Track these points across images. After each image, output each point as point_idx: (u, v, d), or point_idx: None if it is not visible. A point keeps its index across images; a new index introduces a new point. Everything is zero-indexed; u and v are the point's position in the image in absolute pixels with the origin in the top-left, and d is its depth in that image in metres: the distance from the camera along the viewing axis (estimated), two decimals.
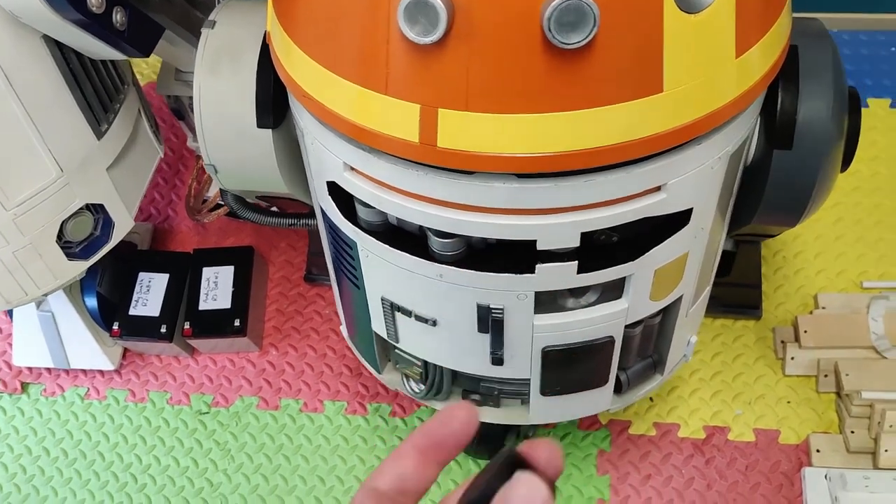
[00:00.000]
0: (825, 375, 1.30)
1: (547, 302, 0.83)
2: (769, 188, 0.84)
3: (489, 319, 0.83)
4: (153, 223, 1.57)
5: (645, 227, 0.78)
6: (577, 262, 0.77)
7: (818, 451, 1.25)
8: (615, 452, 1.30)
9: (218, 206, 1.41)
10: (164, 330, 1.36)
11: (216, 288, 1.38)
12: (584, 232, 0.74)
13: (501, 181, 0.70)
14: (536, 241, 0.74)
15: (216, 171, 0.92)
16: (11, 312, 1.41)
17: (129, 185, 1.15)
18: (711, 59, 0.66)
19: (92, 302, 1.36)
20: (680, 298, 0.89)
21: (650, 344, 0.97)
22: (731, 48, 0.67)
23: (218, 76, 0.88)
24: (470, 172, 0.70)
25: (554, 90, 0.63)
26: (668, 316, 0.93)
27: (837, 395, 1.29)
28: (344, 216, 0.84)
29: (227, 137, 0.89)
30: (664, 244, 0.79)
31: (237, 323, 1.36)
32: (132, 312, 1.37)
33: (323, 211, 0.89)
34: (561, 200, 0.71)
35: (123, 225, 1.15)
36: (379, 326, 0.95)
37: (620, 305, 0.84)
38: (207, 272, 1.40)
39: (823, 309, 1.35)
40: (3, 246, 1.03)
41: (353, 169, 0.77)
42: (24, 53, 0.93)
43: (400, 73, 0.65)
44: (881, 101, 1.55)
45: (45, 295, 1.13)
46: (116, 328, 1.36)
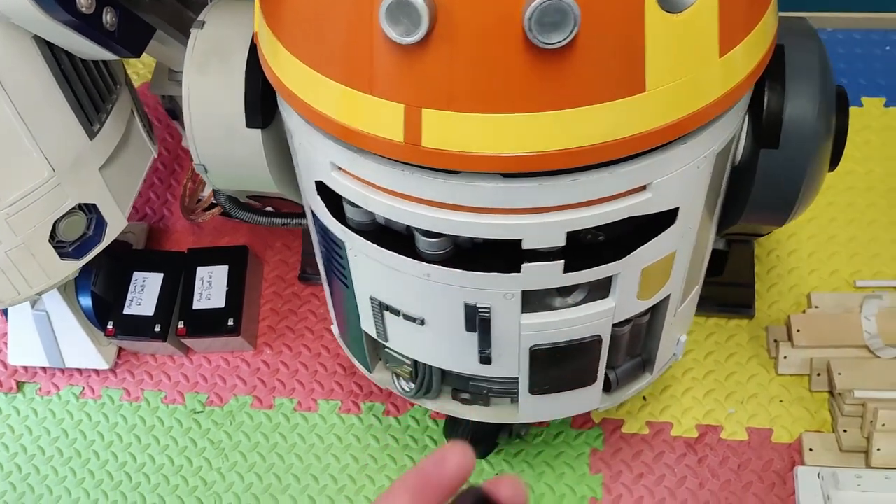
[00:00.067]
0: (818, 374, 1.30)
1: (534, 301, 0.84)
2: (756, 187, 0.84)
3: (476, 318, 0.83)
4: (148, 223, 1.58)
5: (631, 226, 0.78)
6: (563, 261, 0.77)
7: (811, 449, 1.25)
8: (608, 451, 1.30)
9: (212, 205, 1.41)
10: (158, 329, 1.36)
11: (210, 287, 1.39)
12: (569, 231, 0.74)
13: (486, 181, 0.70)
14: (522, 240, 0.75)
15: (206, 170, 0.93)
16: (6, 312, 1.42)
17: (122, 184, 1.15)
18: (694, 58, 0.66)
19: (86, 301, 1.36)
20: (668, 298, 0.90)
21: (639, 343, 0.97)
22: (714, 47, 0.67)
23: (207, 76, 0.88)
24: (455, 172, 0.70)
25: (536, 90, 0.63)
26: (656, 315, 0.93)
27: (830, 394, 1.29)
28: (332, 216, 0.84)
29: (216, 137, 0.90)
30: (650, 243, 0.79)
31: (231, 322, 1.36)
32: (126, 312, 1.37)
33: (312, 210, 0.90)
34: (546, 200, 0.71)
35: (116, 225, 1.16)
36: (368, 326, 0.95)
37: (607, 304, 0.84)
38: (202, 272, 1.40)
39: (816, 308, 1.35)
40: None
41: (340, 169, 0.78)
42: (14, 54, 0.93)
43: (384, 73, 0.66)
44: (875, 100, 1.55)
45: (38, 294, 1.14)
46: (111, 327, 1.36)
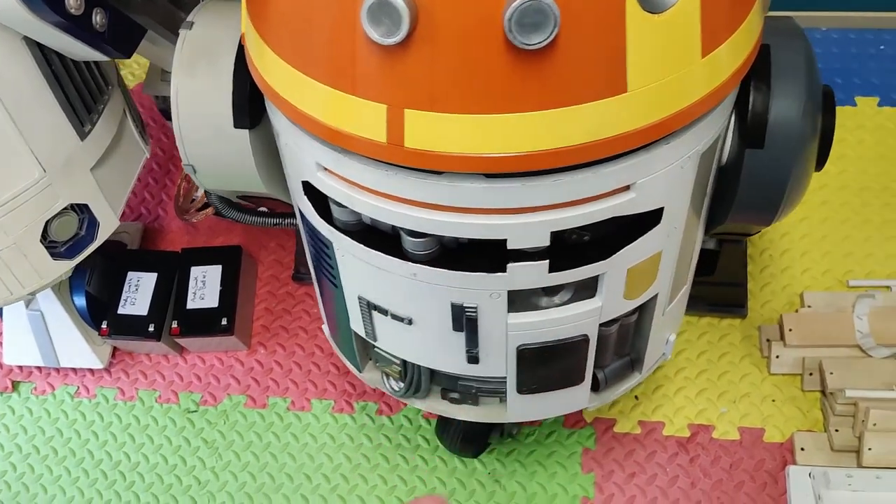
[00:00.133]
0: (810, 374, 1.30)
1: (520, 301, 0.84)
2: (742, 187, 0.84)
3: (463, 318, 0.83)
4: (143, 223, 1.58)
5: (617, 226, 0.79)
6: (548, 261, 0.77)
7: (802, 449, 1.26)
8: (600, 451, 1.30)
9: (206, 205, 1.42)
10: (152, 329, 1.36)
11: (204, 287, 1.39)
12: (554, 231, 0.75)
13: (470, 181, 0.70)
14: (507, 240, 0.75)
15: (195, 171, 0.93)
16: (1, 311, 1.42)
17: (114, 185, 1.16)
18: (676, 58, 0.66)
19: (81, 301, 1.37)
20: (655, 297, 0.90)
21: (627, 342, 0.98)
22: (696, 48, 0.67)
23: (195, 77, 0.88)
24: (438, 172, 0.70)
25: (518, 91, 0.63)
26: (644, 314, 0.93)
27: (822, 393, 1.29)
28: (319, 216, 0.85)
29: (204, 138, 0.90)
30: (636, 243, 0.80)
31: (224, 322, 1.36)
32: (121, 311, 1.38)
33: (300, 210, 0.90)
34: (529, 200, 0.71)
35: (108, 225, 1.16)
36: (357, 325, 0.95)
37: (594, 304, 0.84)
38: (195, 271, 1.40)
39: (809, 307, 1.35)
40: None
41: (325, 169, 0.78)
42: (4, 55, 0.93)
43: (366, 73, 0.66)
44: (869, 99, 1.55)
45: (31, 294, 1.14)
46: (105, 327, 1.37)
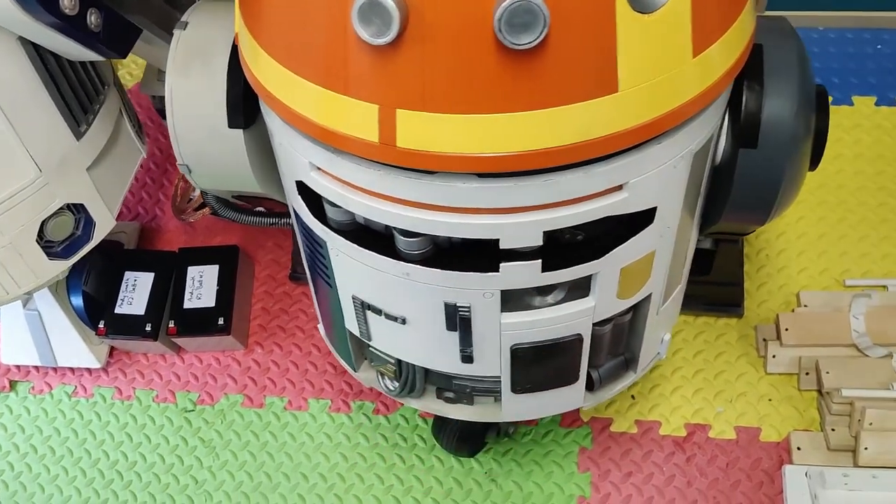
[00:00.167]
0: (806, 373, 1.30)
1: (514, 300, 0.84)
2: (735, 187, 0.84)
3: (457, 318, 0.84)
4: (141, 222, 1.58)
5: (611, 225, 0.79)
6: (540, 260, 0.77)
7: (799, 448, 1.26)
8: (597, 450, 1.30)
9: (203, 205, 1.42)
10: (149, 328, 1.37)
11: (201, 287, 1.39)
12: (547, 231, 0.75)
13: (462, 181, 0.70)
14: (499, 240, 0.75)
15: (190, 170, 0.93)
16: None
17: (110, 184, 1.16)
18: (667, 58, 0.66)
19: (78, 301, 1.37)
20: (649, 297, 0.90)
21: (622, 342, 0.98)
22: (687, 48, 0.67)
23: (189, 77, 0.89)
24: (431, 172, 0.70)
25: (509, 91, 0.64)
26: (638, 314, 0.93)
27: (819, 392, 1.30)
28: (313, 215, 0.85)
29: (199, 138, 0.90)
30: (629, 243, 0.80)
31: (221, 321, 1.37)
32: (118, 311, 1.38)
33: (295, 210, 0.90)
34: (521, 200, 0.72)
35: (105, 224, 1.16)
36: (352, 325, 0.96)
37: (587, 304, 0.85)
38: (192, 271, 1.41)
39: (805, 307, 1.35)
40: None
41: (319, 169, 0.78)
42: None
43: (358, 73, 0.66)
44: (866, 98, 1.55)
45: (27, 294, 1.14)
46: (102, 327, 1.37)
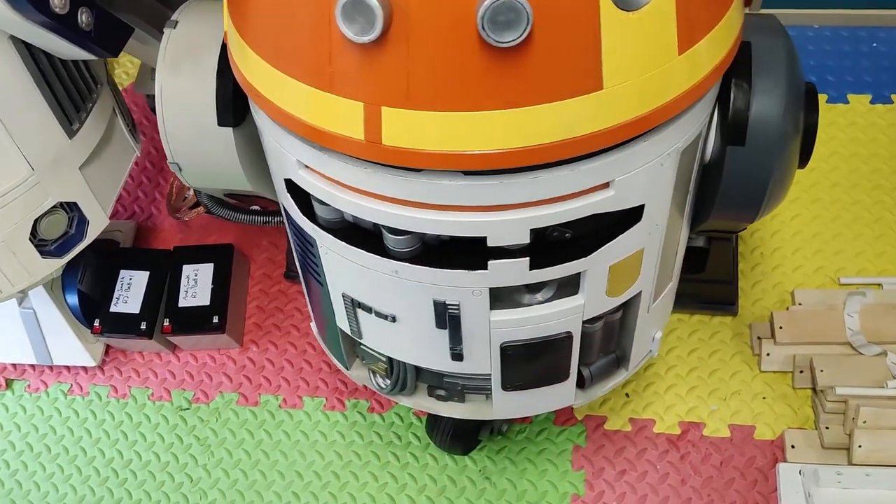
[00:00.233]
0: (801, 371, 1.30)
1: (503, 298, 0.84)
2: (724, 185, 0.84)
3: (446, 315, 0.84)
4: (136, 221, 1.59)
5: (599, 223, 0.79)
6: (528, 258, 0.77)
7: (793, 446, 1.26)
8: (590, 448, 1.30)
9: (198, 203, 1.42)
10: (144, 327, 1.37)
11: (196, 285, 1.39)
12: (535, 229, 0.75)
13: (448, 178, 0.70)
14: (487, 237, 0.75)
15: (180, 168, 0.93)
16: None
17: (103, 183, 1.16)
18: (652, 56, 0.66)
19: (73, 299, 1.37)
20: (639, 295, 0.90)
21: (612, 340, 0.98)
22: (672, 45, 0.67)
23: (179, 75, 0.89)
24: (417, 170, 0.70)
25: (493, 88, 0.64)
26: (628, 312, 0.93)
27: (813, 390, 1.29)
28: (303, 213, 0.85)
29: (189, 136, 0.90)
30: (617, 241, 0.80)
31: (216, 320, 1.37)
32: (113, 309, 1.39)
33: (285, 208, 0.90)
34: (508, 197, 0.72)
35: (98, 223, 1.16)
36: (343, 323, 0.96)
37: (576, 301, 0.85)
38: (187, 269, 1.41)
39: (800, 305, 1.35)
40: None
41: (307, 167, 0.78)
42: None
43: (343, 71, 0.66)
44: (861, 97, 1.54)
45: (20, 292, 1.14)
46: (97, 325, 1.37)
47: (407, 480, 1.31)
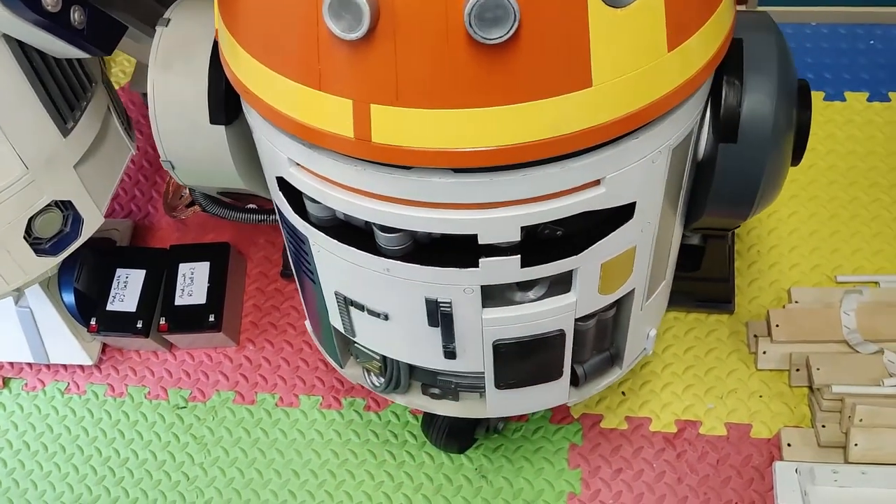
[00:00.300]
0: (797, 369, 1.30)
1: (495, 296, 0.84)
2: (716, 182, 0.84)
3: (438, 313, 0.84)
4: (133, 220, 1.59)
5: (590, 221, 0.79)
6: (520, 256, 0.77)
7: (789, 445, 1.25)
8: (587, 446, 1.30)
9: (194, 202, 1.42)
10: (140, 325, 1.37)
11: (192, 284, 1.40)
12: (526, 226, 0.75)
13: (438, 176, 0.70)
14: (477, 235, 0.75)
15: (173, 166, 0.94)
16: None
17: (98, 181, 1.16)
18: (642, 53, 0.66)
19: (69, 298, 1.37)
20: (632, 292, 0.90)
21: (606, 337, 0.98)
22: (662, 42, 0.67)
23: (172, 73, 0.89)
24: (407, 167, 0.70)
25: (481, 85, 0.64)
26: (621, 309, 0.93)
27: (809, 389, 1.29)
28: (295, 211, 0.85)
29: (181, 134, 0.90)
30: (608, 238, 0.79)
31: (212, 318, 1.37)
32: (109, 308, 1.39)
33: (278, 206, 0.90)
34: (498, 195, 0.72)
35: (93, 221, 1.17)
36: (336, 321, 0.96)
37: (569, 299, 0.84)
38: (184, 268, 1.41)
39: (796, 303, 1.35)
40: None
41: (298, 165, 0.78)
42: None
43: (331, 69, 0.66)
44: (859, 94, 1.54)
45: (15, 291, 1.15)
46: (94, 323, 1.37)
47: (403, 479, 1.31)
